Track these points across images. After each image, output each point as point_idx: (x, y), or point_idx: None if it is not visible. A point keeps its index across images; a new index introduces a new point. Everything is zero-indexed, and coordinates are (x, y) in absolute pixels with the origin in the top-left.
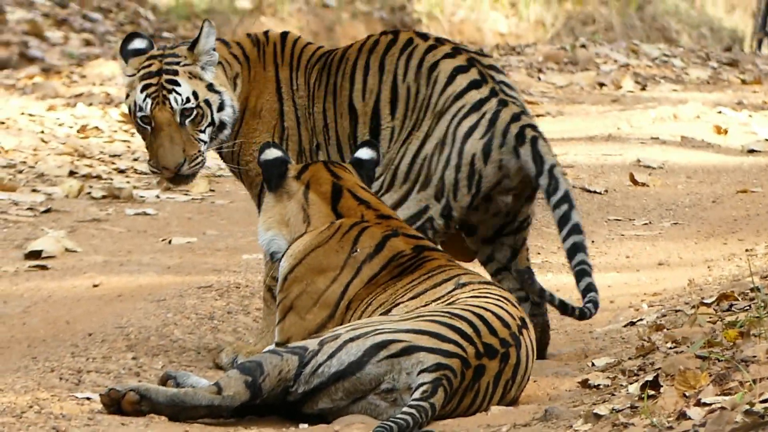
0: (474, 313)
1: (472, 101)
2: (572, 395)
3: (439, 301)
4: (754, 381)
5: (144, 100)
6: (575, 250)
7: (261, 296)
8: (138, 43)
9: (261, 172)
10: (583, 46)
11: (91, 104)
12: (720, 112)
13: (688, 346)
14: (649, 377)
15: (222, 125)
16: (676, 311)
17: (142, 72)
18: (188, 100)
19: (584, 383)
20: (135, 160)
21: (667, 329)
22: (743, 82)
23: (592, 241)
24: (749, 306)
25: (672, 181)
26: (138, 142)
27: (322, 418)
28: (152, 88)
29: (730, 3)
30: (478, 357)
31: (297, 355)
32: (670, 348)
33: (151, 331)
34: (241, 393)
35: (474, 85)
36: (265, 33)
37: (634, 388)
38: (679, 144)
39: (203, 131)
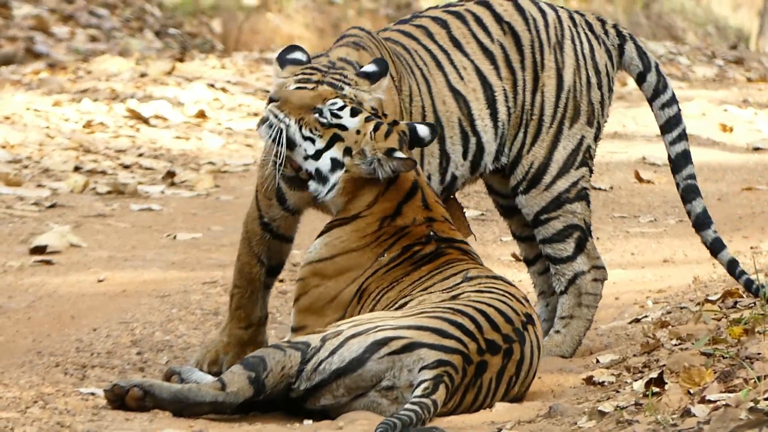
0: (476, 309)
1: (571, 24)
2: (577, 392)
3: (443, 293)
4: (759, 378)
5: None
6: (685, 159)
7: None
8: (298, 55)
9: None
10: None
11: (96, 100)
12: (725, 110)
13: (693, 343)
14: (654, 374)
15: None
16: (681, 308)
17: (300, 76)
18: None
19: (589, 380)
20: (140, 155)
21: (672, 326)
22: (749, 80)
23: (597, 238)
24: (754, 303)
25: None
26: (143, 138)
27: (326, 415)
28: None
29: (736, 1)
30: (480, 353)
31: (299, 351)
32: (675, 345)
33: (155, 326)
34: (244, 389)
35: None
36: None
37: (638, 385)
38: None
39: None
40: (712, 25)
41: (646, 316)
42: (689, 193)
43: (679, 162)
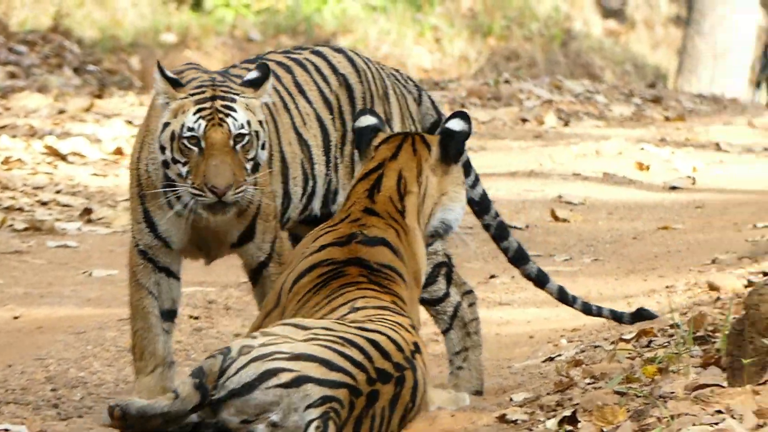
0: (366, 339)
1: (386, 76)
2: (490, 430)
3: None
4: (672, 417)
5: (196, 121)
6: (488, 200)
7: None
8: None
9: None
10: (506, 81)
11: (14, 136)
12: (642, 149)
13: (607, 382)
14: (567, 412)
15: (257, 165)
16: (595, 347)
17: (195, 97)
18: (243, 126)
19: (502, 418)
20: (57, 192)
21: (586, 365)
22: (666, 118)
23: (512, 277)
24: (668, 342)
25: (593, 217)
26: (61, 174)
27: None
28: (207, 111)
29: (654, 40)
30: (370, 383)
31: (221, 357)
32: (589, 383)
33: (70, 363)
34: (191, 395)
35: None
36: None
37: (551, 424)
38: (601, 180)
39: (249, 161)
40: (631, 63)
41: (559, 355)
42: (502, 231)
43: (485, 203)
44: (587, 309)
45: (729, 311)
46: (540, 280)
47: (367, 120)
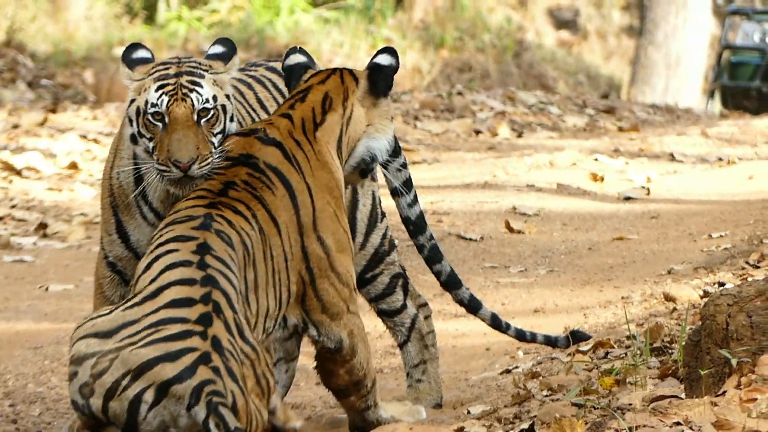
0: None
1: None
2: None
3: None
4: (630, 429)
5: (159, 97)
6: (424, 221)
7: None
8: (143, 53)
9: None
10: (459, 93)
11: None
12: (596, 160)
13: (564, 394)
14: (525, 425)
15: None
16: (552, 359)
17: (156, 74)
18: (207, 101)
19: (460, 431)
20: (13, 207)
21: (543, 377)
22: (620, 129)
23: (467, 288)
24: (625, 354)
25: (548, 228)
26: (16, 189)
27: None
28: (170, 87)
29: (607, 50)
30: (203, 336)
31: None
32: (546, 396)
33: (28, 378)
34: None
35: None
36: None
37: None
38: (555, 191)
39: (215, 135)
40: (584, 74)
41: (516, 367)
42: (436, 253)
43: (421, 223)
44: (521, 335)
45: (685, 322)
46: (472, 306)
47: (297, 58)
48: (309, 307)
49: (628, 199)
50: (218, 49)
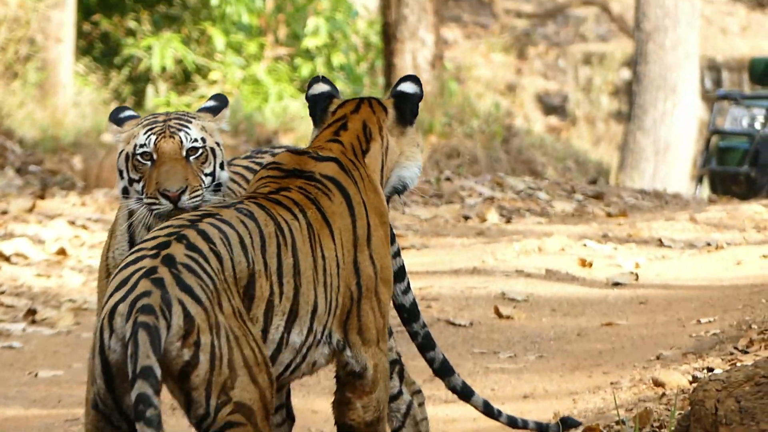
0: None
1: None
2: None
3: None
4: None
5: (147, 137)
6: (417, 308)
7: None
8: (130, 113)
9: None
10: (448, 178)
11: None
12: (585, 245)
13: None
14: None
15: (219, 185)
16: None
17: (145, 122)
18: (196, 140)
19: None
20: (1, 293)
21: None
22: (608, 214)
23: (459, 375)
24: None
25: (537, 313)
26: (4, 275)
27: None
28: (158, 127)
29: (596, 136)
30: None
31: None
32: None
33: None
34: None
35: None
36: None
37: None
38: (543, 277)
39: (206, 174)
40: (572, 159)
41: None
42: (429, 341)
43: (414, 311)
44: (512, 422)
45: (674, 407)
46: (465, 393)
47: (321, 87)
48: (349, 326)
49: (616, 284)
50: (210, 103)
